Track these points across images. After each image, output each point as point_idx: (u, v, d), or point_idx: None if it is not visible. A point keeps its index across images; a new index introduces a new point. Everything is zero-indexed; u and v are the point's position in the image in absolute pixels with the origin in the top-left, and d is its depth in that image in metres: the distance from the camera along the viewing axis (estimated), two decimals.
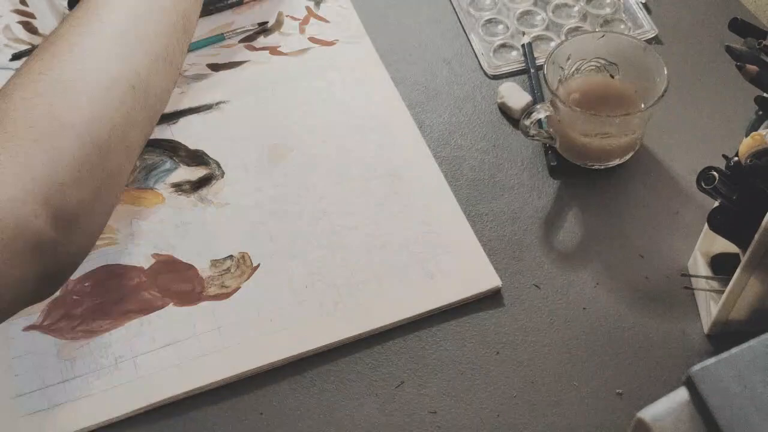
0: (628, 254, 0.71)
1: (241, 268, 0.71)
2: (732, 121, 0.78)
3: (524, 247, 0.72)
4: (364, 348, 0.67)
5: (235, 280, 0.70)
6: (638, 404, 0.39)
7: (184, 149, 0.78)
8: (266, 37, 0.87)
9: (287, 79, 0.83)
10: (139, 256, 0.72)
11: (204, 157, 0.78)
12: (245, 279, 0.70)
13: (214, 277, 0.70)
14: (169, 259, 0.72)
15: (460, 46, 0.86)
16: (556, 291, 0.69)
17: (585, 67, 0.76)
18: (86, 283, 0.70)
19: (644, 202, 0.74)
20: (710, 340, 0.66)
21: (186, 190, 0.76)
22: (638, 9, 0.87)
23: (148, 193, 0.76)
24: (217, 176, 0.77)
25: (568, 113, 0.72)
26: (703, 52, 0.84)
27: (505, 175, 0.76)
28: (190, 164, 0.77)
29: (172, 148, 0.78)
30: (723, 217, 0.61)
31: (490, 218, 0.74)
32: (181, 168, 0.77)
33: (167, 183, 0.76)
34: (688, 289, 0.68)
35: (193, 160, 0.78)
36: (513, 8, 0.89)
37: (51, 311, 0.68)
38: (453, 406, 0.64)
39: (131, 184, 0.76)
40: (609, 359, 0.66)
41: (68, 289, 0.69)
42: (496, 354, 0.66)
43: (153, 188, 0.76)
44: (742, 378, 0.35)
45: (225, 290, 0.70)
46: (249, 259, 0.71)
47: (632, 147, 0.76)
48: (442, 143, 0.79)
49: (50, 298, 0.66)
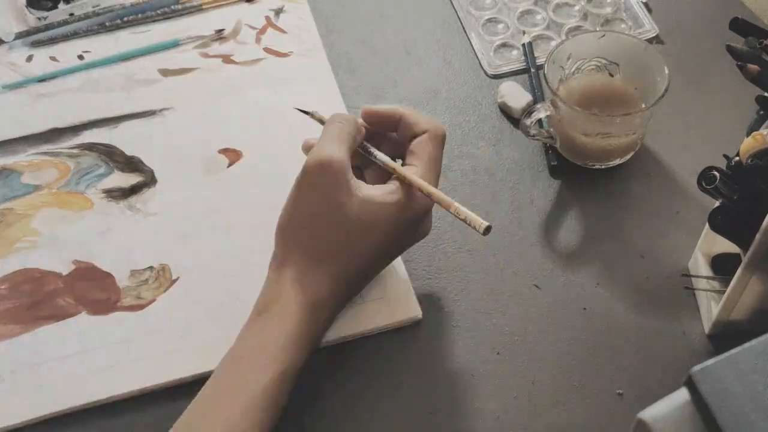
0: (629, 254, 0.71)
1: (160, 280, 0.70)
2: (733, 120, 0.78)
3: (525, 246, 0.72)
4: (361, 350, 0.67)
5: (152, 292, 0.69)
6: (639, 405, 0.39)
7: (120, 154, 0.78)
8: (221, 44, 0.87)
9: (236, 89, 0.83)
10: (59, 262, 0.71)
11: (139, 164, 0.77)
12: (162, 292, 0.69)
13: (131, 288, 0.69)
14: (89, 266, 0.71)
15: (461, 46, 0.86)
16: (557, 291, 0.69)
17: (585, 67, 0.76)
18: (2, 286, 0.70)
19: (645, 202, 0.74)
20: (711, 340, 0.66)
21: (116, 197, 0.75)
22: (639, 8, 0.87)
23: (78, 197, 0.75)
24: (149, 184, 0.76)
25: (568, 113, 0.72)
26: (704, 51, 0.84)
27: (506, 174, 0.76)
28: (125, 170, 0.77)
29: (108, 152, 0.78)
30: (724, 217, 0.61)
31: (491, 218, 0.73)
32: (115, 174, 0.76)
33: (98, 188, 0.76)
34: (688, 289, 0.68)
35: (128, 166, 0.77)
36: (513, 7, 0.88)
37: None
38: (452, 407, 0.64)
39: (62, 187, 0.75)
40: (609, 359, 0.66)
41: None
42: (497, 354, 0.66)
43: (83, 193, 0.75)
44: (742, 378, 0.35)
45: (140, 302, 0.68)
46: (169, 271, 0.70)
47: (633, 147, 0.75)
48: None
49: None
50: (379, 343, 0.67)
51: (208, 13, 0.89)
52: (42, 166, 0.77)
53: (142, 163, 0.77)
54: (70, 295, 0.69)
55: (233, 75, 0.84)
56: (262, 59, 0.85)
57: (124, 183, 0.76)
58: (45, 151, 0.78)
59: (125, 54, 0.86)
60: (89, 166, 0.77)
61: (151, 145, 0.78)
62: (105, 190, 0.75)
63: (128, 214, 0.74)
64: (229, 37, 0.87)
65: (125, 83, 0.83)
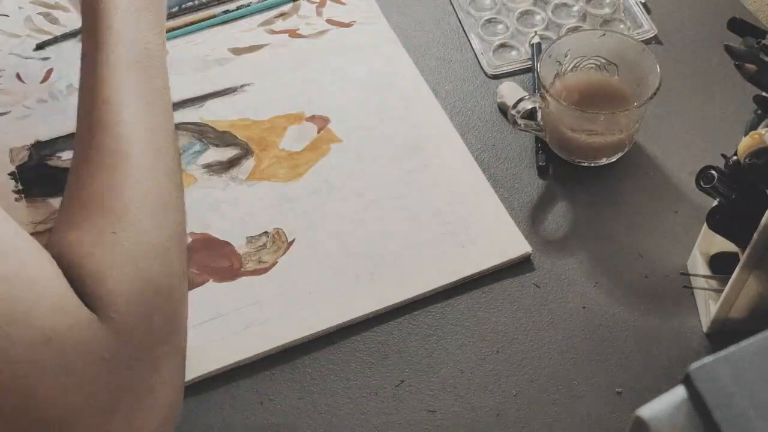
0: (628, 253, 0.71)
1: (277, 243, 0.72)
2: (731, 120, 0.78)
3: None
4: (362, 346, 0.67)
5: (272, 256, 0.71)
6: (637, 403, 0.39)
7: (212, 131, 0.80)
8: (284, 20, 0.89)
9: (308, 61, 0.85)
10: None
11: (232, 137, 0.79)
12: (281, 254, 0.72)
13: (251, 253, 0.72)
14: (206, 237, 0.73)
15: (460, 46, 0.86)
16: (556, 290, 0.70)
17: (584, 65, 0.76)
18: None
19: (644, 201, 0.75)
20: (709, 338, 0.66)
21: (217, 171, 0.77)
22: (638, 9, 0.88)
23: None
24: (246, 155, 0.78)
25: (556, 107, 0.72)
26: (702, 51, 0.85)
27: (504, 174, 0.77)
28: (220, 145, 0.79)
29: (200, 131, 0.80)
30: (722, 216, 0.61)
31: None
32: (211, 149, 0.79)
33: (198, 164, 0.77)
34: (687, 288, 0.68)
35: (221, 141, 0.79)
36: (513, 8, 0.89)
37: None
38: (452, 405, 0.64)
39: None
40: (608, 358, 0.66)
41: None
42: (496, 353, 0.66)
43: (185, 170, 0.77)
44: (739, 376, 0.35)
45: (263, 265, 0.71)
46: (284, 234, 0.73)
47: (620, 147, 0.75)
48: None
49: None
50: (379, 343, 0.67)
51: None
52: None
53: (235, 137, 0.79)
54: (193, 265, 0.71)
55: (303, 47, 0.86)
56: (327, 30, 0.88)
57: (222, 157, 0.78)
58: None
59: (230, 16, 0.88)
60: (185, 145, 0.79)
61: (240, 119, 0.81)
62: (205, 165, 0.78)
63: (232, 186, 0.76)
64: (290, 12, 0.89)
65: (199, 64, 0.85)
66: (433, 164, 0.77)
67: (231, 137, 0.79)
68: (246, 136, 0.79)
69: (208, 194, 0.76)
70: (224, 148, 0.79)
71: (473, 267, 0.70)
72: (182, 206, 0.53)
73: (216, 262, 0.72)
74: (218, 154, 0.78)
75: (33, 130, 0.80)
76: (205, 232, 0.73)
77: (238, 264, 0.71)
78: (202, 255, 0.72)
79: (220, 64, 0.85)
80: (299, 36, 0.87)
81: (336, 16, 0.89)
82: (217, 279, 0.71)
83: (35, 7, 0.90)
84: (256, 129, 0.80)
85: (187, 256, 0.52)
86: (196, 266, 0.71)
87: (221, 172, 0.77)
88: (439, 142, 0.78)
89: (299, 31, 0.88)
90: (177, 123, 0.79)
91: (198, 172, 0.77)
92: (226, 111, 0.81)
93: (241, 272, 0.71)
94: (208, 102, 0.82)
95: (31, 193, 0.75)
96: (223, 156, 0.78)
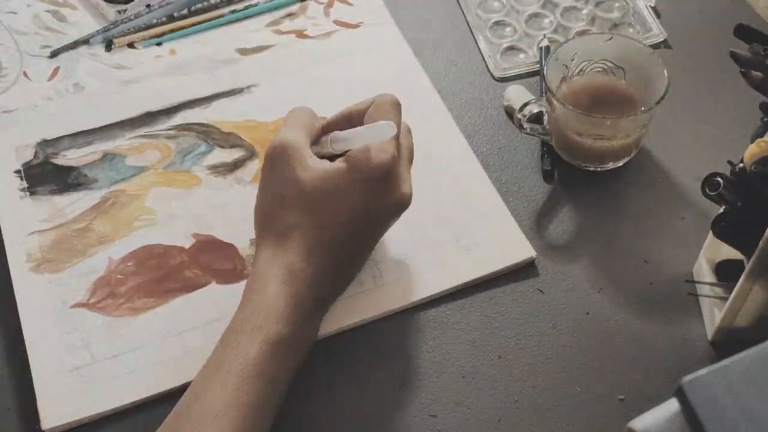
0: (633, 259, 0.71)
1: None
2: (738, 127, 0.77)
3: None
4: (363, 350, 0.67)
5: None
6: (640, 411, 0.39)
7: (218, 132, 0.80)
8: (292, 20, 0.89)
9: (315, 62, 0.85)
10: (179, 236, 0.73)
11: (237, 139, 0.79)
12: None
13: (253, 256, 0.71)
14: (210, 238, 0.73)
15: (468, 48, 0.86)
16: (560, 295, 0.69)
17: (591, 68, 0.76)
18: (129, 263, 0.71)
19: (649, 207, 0.74)
20: (714, 347, 0.66)
21: (222, 172, 0.77)
22: (647, 13, 0.87)
23: (185, 175, 0.77)
24: (251, 157, 0.78)
25: (561, 110, 0.72)
26: (712, 56, 0.84)
27: (510, 177, 0.76)
28: (225, 146, 0.79)
29: (206, 132, 0.80)
30: (727, 223, 0.61)
31: None
32: (216, 150, 0.78)
33: (203, 165, 0.77)
34: (692, 295, 0.68)
35: (227, 142, 0.79)
36: (521, 11, 0.88)
37: (97, 289, 0.70)
38: (454, 410, 0.64)
39: (168, 167, 0.77)
40: (612, 365, 0.65)
41: (112, 269, 0.71)
42: (498, 358, 0.66)
43: (189, 171, 0.77)
44: (733, 389, 0.34)
45: None
46: None
47: (627, 152, 0.75)
48: None
49: (95, 275, 0.70)
50: (381, 346, 0.67)
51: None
52: (143, 149, 0.79)
53: (240, 138, 0.79)
54: (196, 266, 0.71)
55: (309, 48, 0.86)
56: (334, 31, 0.88)
57: (227, 158, 0.78)
58: (143, 134, 0.80)
59: (238, 15, 0.89)
60: (190, 146, 0.79)
61: (246, 120, 0.81)
62: (209, 167, 0.77)
63: (237, 188, 0.76)
64: (298, 13, 0.90)
65: (206, 65, 0.85)
66: (438, 166, 0.76)
67: (236, 138, 0.79)
68: (251, 138, 0.79)
69: (213, 196, 0.75)
70: (229, 150, 0.79)
71: (477, 271, 0.70)
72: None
73: (219, 263, 0.71)
74: (223, 155, 0.78)
75: (39, 129, 0.80)
76: (209, 234, 0.73)
77: (241, 266, 0.71)
78: (205, 257, 0.72)
79: (227, 65, 0.85)
80: (306, 37, 0.87)
81: (343, 17, 0.89)
82: (220, 281, 0.70)
83: (43, 4, 0.90)
84: (261, 130, 0.80)
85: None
86: (199, 268, 0.71)
87: (226, 174, 0.77)
88: (445, 144, 0.78)
89: (306, 32, 0.88)
90: (182, 123, 0.80)
91: (203, 173, 0.77)
92: (232, 112, 0.81)
93: (244, 274, 0.70)
94: (215, 103, 0.82)
95: (36, 191, 0.76)
96: (229, 157, 0.78)
